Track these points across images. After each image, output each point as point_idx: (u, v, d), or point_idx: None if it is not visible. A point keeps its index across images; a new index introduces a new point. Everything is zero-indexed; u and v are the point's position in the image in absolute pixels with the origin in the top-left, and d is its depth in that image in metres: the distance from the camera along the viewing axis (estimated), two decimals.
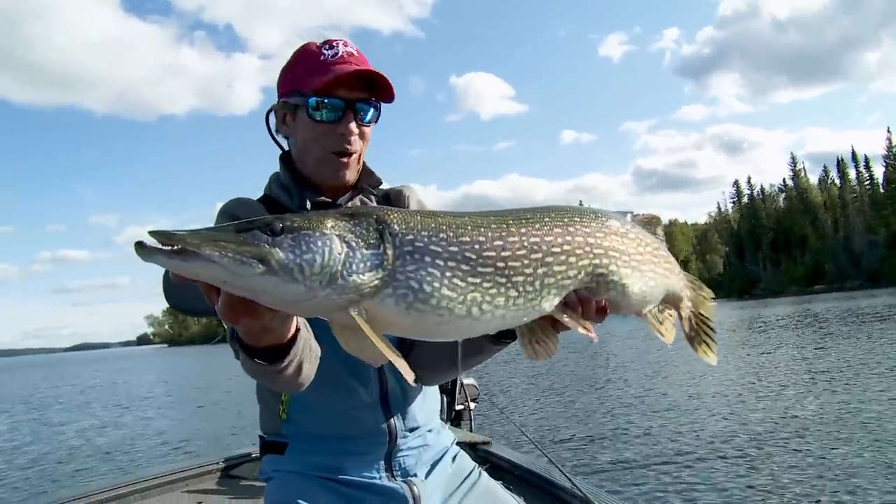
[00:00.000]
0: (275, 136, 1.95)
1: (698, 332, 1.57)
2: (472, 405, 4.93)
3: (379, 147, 1.93)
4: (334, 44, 1.83)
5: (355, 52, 1.83)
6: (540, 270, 1.27)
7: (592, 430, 10.46)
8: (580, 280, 1.33)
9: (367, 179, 1.96)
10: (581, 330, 1.32)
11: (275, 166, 1.99)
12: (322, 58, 1.80)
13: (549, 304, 1.30)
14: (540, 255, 1.28)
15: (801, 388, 12.78)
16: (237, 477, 4.05)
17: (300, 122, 1.83)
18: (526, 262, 1.26)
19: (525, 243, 1.27)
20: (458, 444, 2.10)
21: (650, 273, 1.43)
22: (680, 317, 1.56)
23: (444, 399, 4.48)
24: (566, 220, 1.33)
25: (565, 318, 1.31)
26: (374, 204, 1.95)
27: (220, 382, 25.93)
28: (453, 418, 4.88)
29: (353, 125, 1.80)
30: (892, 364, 14.80)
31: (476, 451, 4.22)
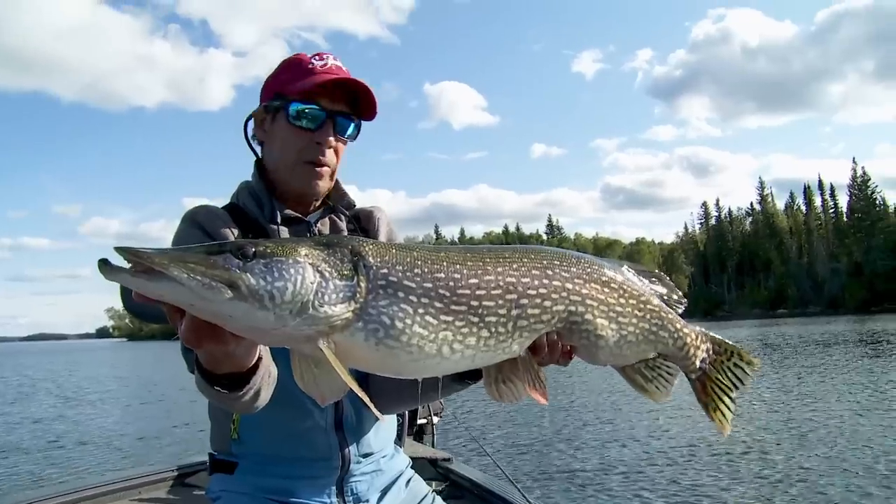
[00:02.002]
0: (251, 142, 1.91)
1: (711, 398, 1.46)
2: (436, 420, 4.90)
3: (351, 150, 1.90)
4: (324, 56, 1.82)
5: (343, 67, 1.82)
6: (514, 312, 1.25)
7: (556, 451, 10.42)
8: (553, 324, 1.30)
9: (340, 200, 1.94)
10: (534, 394, 1.30)
11: (242, 168, 1.96)
12: (310, 66, 1.79)
13: (520, 346, 1.28)
14: (515, 297, 1.25)
15: (751, 411, 13.02)
16: (191, 486, 3.94)
17: (279, 126, 1.80)
18: (500, 302, 1.24)
19: (500, 283, 1.24)
20: (419, 459, 2.07)
21: (630, 327, 1.39)
22: (687, 378, 1.48)
23: (407, 413, 4.43)
24: (545, 262, 1.31)
25: (527, 369, 1.30)
26: (345, 224, 1.94)
27: (177, 381, 25.43)
28: (416, 433, 4.84)
29: (331, 137, 1.78)
30: (834, 389, 15.37)
31: (437, 467, 4.17)
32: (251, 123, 1.89)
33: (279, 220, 1.81)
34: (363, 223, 1.99)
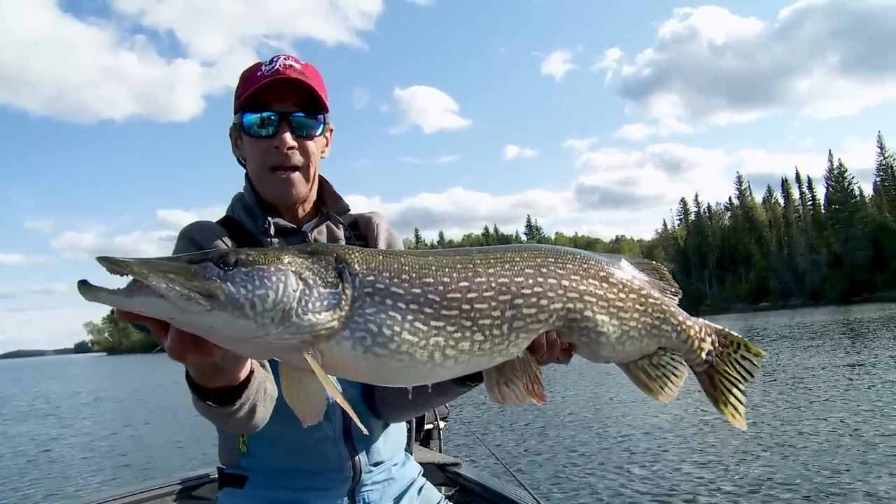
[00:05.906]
0: (239, 159, 1.92)
1: (721, 391, 1.43)
2: (442, 424, 4.85)
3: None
4: (275, 59, 1.79)
5: (297, 65, 1.77)
6: (508, 313, 1.23)
7: (564, 452, 10.33)
8: (551, 323, 1.28)
9: (334, 206, 1.91)
10: (531, 396, 1.27)
11: (215, 177, 1.96)
12: (259, 73, 1.76)
13: (517, 348, 1.26)
14: (508, 298, 1.23)
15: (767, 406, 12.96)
16: (198, 498, 3.87)
17: (245, 141, 1.80)
18: (493, 304, 1.21)
19: (493, 284, 1.22)
20: (427, 465, 2.05)
21: (632, 322, 1.36)
22: (694, 372, 1.45)
23: (414, 419, 4.39)
24: (539, 260, 1.28)
25: (525, 370, 1.27)
26: (342, 231, 1.91)
27: (161, 394, 25.17)
28: (422, 438, 4.79)
29: (287, 136, 1.74)
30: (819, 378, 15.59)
31: (445, 472, 4.13)
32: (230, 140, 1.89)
33: (272, 232, 1.79)
34: (362, 229, 1.96)
